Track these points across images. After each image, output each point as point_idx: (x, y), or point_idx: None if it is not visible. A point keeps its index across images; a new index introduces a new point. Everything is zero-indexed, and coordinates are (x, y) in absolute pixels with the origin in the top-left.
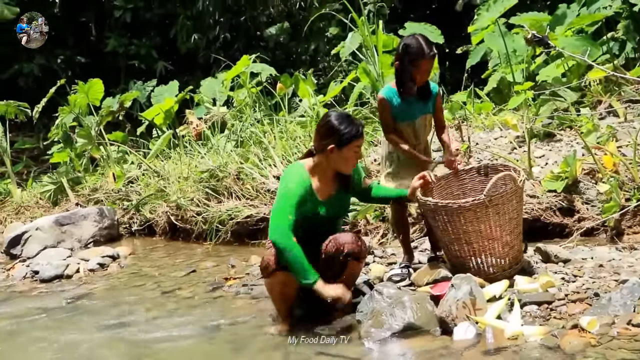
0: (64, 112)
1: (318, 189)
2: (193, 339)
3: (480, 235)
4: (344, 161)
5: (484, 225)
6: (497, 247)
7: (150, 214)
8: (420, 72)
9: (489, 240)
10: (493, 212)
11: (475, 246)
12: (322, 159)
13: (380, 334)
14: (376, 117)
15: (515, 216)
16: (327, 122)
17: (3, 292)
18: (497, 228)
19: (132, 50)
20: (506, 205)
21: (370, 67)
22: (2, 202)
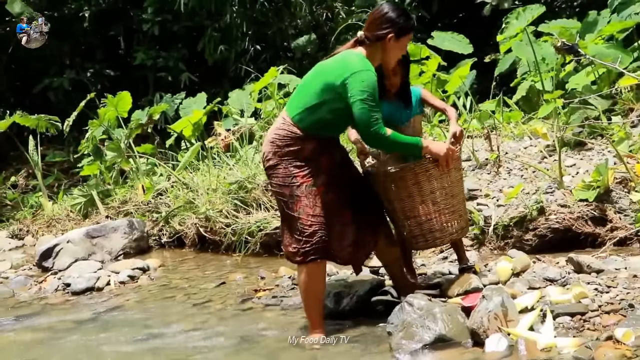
0: (94, 125)
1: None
2: (223, 351)
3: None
4: (397, 53)
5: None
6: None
7: (179, 226)
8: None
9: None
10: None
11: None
12: (375, 50)
13: (411, 346)
14: None
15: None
16: (385, 12)
17: (36, 304)
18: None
19: (160, 62)
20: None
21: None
22: (34, 215)
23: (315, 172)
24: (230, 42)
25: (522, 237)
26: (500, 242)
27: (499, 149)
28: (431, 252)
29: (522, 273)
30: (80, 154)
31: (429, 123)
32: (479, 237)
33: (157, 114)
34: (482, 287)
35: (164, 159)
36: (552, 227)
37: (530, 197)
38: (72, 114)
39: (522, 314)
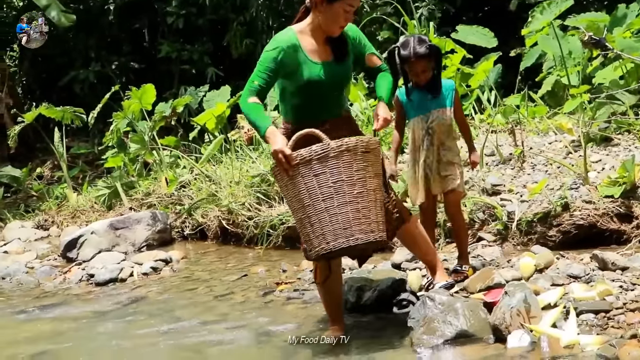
0: (118, 117)
1: (311, 50)
2: (245, 343)
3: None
4: (332, 19)
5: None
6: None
7: (202, 218)
8: (413, 74)
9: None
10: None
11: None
12: (315, 16)
13: (433, 341)
14: None
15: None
16: None
17: (60, 294)
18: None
19: (185, 55)
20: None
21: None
22: (59, 206)
23: None
24: (255, 35)
25: (545, 233)
26: (524, 237)
27: (523, 144)
28: (453, 247)
29: (545, 269)
30: (105, 146)
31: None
32: (502, 233)
33: (181, 107)
34: (505, 283)
35: (187, 151)
36: (576, 224)
37: (554, 193)
38: (97, 106)
39: (545, 311)
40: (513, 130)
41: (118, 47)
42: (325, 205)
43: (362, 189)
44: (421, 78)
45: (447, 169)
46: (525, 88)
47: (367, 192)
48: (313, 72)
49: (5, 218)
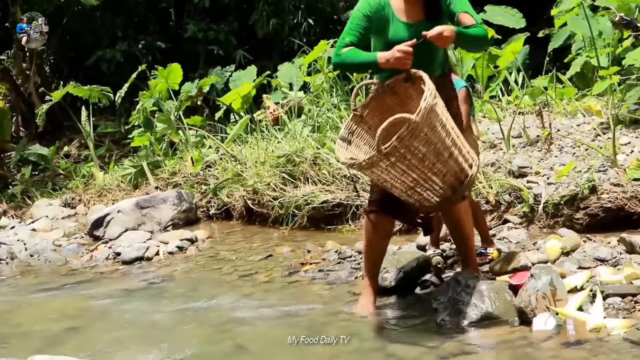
0: (145, 96)
1: (400, 9)
2: (268, 323)
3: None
4: None
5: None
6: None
7: (227, 198)
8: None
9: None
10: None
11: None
12: None
13: (458, 322)
14: None
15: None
16: None
17: (87, 272)
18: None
19: (211, 35)
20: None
21: (450, 51)
22: (85, 184)
23: None
24: (282, 15)
25: (572, 216)
26: (550, 220)
27: (551, 126)
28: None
29: (571, 252)
30: (131, 125)
31: (480, 99)
32: (528, 215)
33: (207, 87)
34: (531, 266)
35: (212, 131)
36: (604, 206)
37: (582, 176)
38: (124, 85)
39: (571, 294)
40: (541, 112)
41: (145, 26)
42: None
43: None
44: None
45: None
46: (554, 69)
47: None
48: (399, 31)
49: (33, 196)
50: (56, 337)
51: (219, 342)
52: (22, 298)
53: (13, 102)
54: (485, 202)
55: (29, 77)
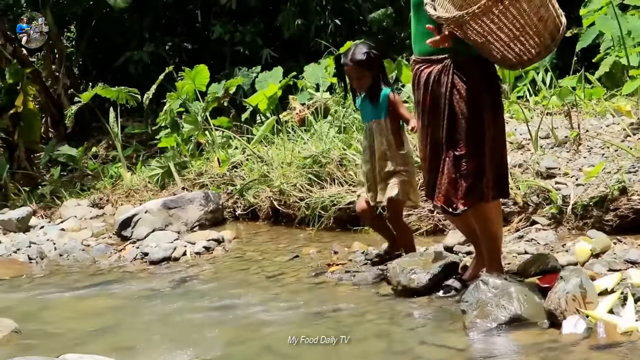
0: (172, 98)
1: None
2: (295, 324)
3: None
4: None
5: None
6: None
7: (253, 199)
8: (350, 80)
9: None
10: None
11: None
12: None
13: (486, 325)
14: None
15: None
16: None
17: (115, 272)
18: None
19: (237, 37)
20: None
21: None
22: (113, 185)
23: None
24: (308, 16)
25: (602, 218)
26: (579, 222)
27: (580, 126)
28: (507, 230)
29: (601, 254)
30: (158, 126)
31: (507, 99)
32: (557, 217)
33: (233, 88)
34: (560, 268)
35: (239, 132)
36: (634, 208)
37: (611, 177)
38: (151, 87)
39: (601, 297)
40: (569, 113)
41: (172, 28)
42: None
43: None
44: (358, 85)
45: (389, 177)
46: (582, 69)
47: None
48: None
49: (62, 196)
50: (85, 336)
51: (245, 342)
52: (52, 297)
53: (42, 104)
54: (512, 204)
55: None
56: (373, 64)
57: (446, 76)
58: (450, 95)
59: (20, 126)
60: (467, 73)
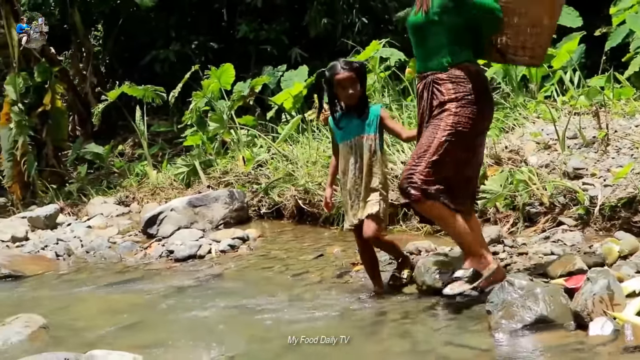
0: (198, 96)
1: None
2: (321, 323)
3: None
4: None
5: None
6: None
7: (278, 198)
8: (341, 93)
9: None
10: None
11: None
12: None
13: (511, 325)
14: (506, 103)
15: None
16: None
17: (141, 269)
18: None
19: (263, 35)
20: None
21: None
22: (139, 183)
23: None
24: (335, 15)
25: (630, 219)
26: (607, 223)
27: (608, 126)
28: (532, 231)
29: (629, 256)
30: (184, 125)
31: (533, 99)
32: (584, 218)
33: (259, 86)
34: (587, 269)
35: (264, 130)
36: None
37: None
38: (177, 85)
39: (629, 299)
40: (597, 113)
41: (198, 27)
42: None
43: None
44: (348, 96)
45: (369, 194)
46: (611, 69)
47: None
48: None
49: (89, 194)
50: (112, 332)
51: (269, 341)
52: (79, 294)
53: (70, 102)
54: (539, 204)
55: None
56: (364, 76)
57: (426, 91)
58: (428, 109)
59: (49, 124)
60: (441, 89)
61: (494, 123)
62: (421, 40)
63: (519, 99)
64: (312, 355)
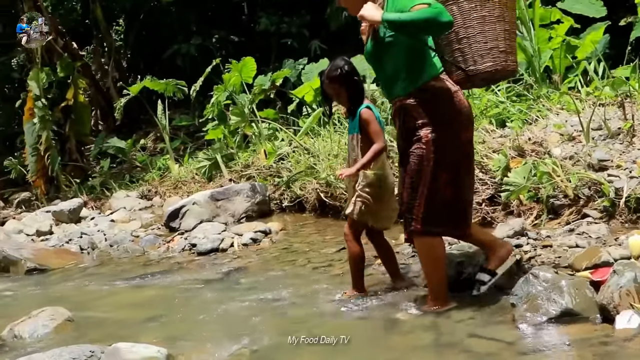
0: (219, 90)
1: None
2: (344, 316)
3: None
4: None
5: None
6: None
7: (300, 191)
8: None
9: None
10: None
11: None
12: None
13: (536, 318)
14: (530, 95)
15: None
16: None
17: (164, 263)
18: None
19: (284, 28)
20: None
21: (526, 42)
22: (161, 177)
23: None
24: None
25: None
26: (632, 215)
27: (634, 117)
28: (556, 223)
29: None
30: (205, 119)
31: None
32: (609, 210)
33: (280, 80)
34: (613, 262)
35: (285, 124)
36: None
37: None
38: (198, 79)
39: None
40: (622, 104)
41: (218, 20)
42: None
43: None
44: (337, 100)
45: (353, 193)
46: (636, 59)
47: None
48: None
49: (112, 188)
50: (136, 325)
51: (293, 333)
52: (103, 287)
53: (92, 97)
54: (563, 196)
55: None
56: (345, 81)
57: (397, 118)
58: (404, 133)
59: (71, 119)
60: (412, 114)
61: (517, 114)
62: (379, 67)
63: (542, 90)
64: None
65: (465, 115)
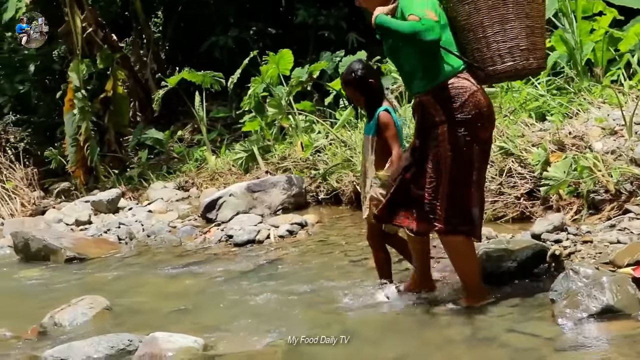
0: (256, 82)
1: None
2: (380, 309)
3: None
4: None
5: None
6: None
7: (336, 183)
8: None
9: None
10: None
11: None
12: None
13: (576, 315)
14: (571, 88)
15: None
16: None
17: (201, 253)
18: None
19: (321, 21)
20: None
21: (568, 34)
22: (198, 168)
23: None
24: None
25: None
26: None
27: None
28: (597, 219)
29: None
30: (242, 110)
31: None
32: None
33: (317, 72)
34: None
35: (322, 116)
36: None
37: None
38: (236, 71)
39: None
40: None
41: (256, 13)
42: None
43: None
44: (356, 102)
45: (365, 197)
46: None
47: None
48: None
49: (149, 179)
50: (173, 315)
51: (328, 326)
52: (141, 277)
53: (131, 88)
54: (604, 191)
55: (146, 64)
56: (359, 85)
57: (417, 112)
58: (421, 128)
59: (110, 110)
60: (430, 111)
61: (558, 108)
62: (398, 64)
63: (583, 84)
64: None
65: (484, 115)
